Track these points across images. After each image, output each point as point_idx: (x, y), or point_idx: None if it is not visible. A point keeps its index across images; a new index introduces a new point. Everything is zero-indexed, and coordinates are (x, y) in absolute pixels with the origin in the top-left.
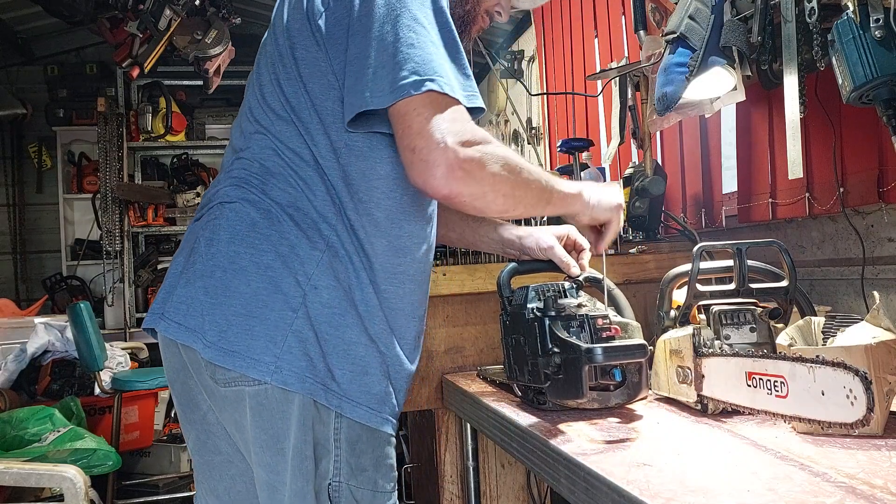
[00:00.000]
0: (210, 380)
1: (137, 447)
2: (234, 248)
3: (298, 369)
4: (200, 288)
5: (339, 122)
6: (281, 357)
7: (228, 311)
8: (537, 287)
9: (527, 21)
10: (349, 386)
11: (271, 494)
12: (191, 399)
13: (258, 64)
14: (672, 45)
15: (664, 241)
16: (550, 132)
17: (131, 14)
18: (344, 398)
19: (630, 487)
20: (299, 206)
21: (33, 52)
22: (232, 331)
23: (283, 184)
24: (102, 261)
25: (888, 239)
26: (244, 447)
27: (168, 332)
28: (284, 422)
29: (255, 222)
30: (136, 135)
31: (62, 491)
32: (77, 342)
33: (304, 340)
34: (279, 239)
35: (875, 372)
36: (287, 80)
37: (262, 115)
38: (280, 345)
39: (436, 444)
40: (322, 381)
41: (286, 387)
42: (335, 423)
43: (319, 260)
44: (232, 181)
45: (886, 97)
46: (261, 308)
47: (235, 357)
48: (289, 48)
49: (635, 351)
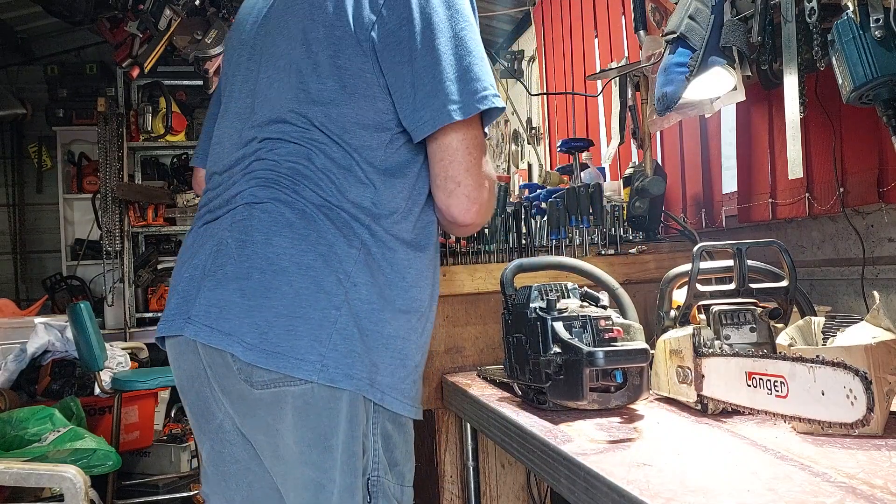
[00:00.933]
0: (244, 384)
1: (137, 447)
2: (271, 249)
3: (345, 366)
4: (236, 290)
5: (380, 131)
6: (326, 355)
7: (269, 312)
8: (540, 286)
9: (527, 21)
10: (391, 379)
11: (317, 492)
12: (206, 408)
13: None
14: (672, 45)
15: (664, 241)
16: (550, 132)
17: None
18: (385, 391)
19: (630, 487)
20: (332, 206)
21: (33, 52)
22: (273, 332)
23: (314, 186)
24: (102, 261)
25: (888, 239)
26: (271, 451)
27: (199, 336)
28: (332, 419)
29: (291, 222)
30: (136, 135)
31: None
32: (77, 342)
33: (348, 337)
34: (317, 238)
35: (875, 372)
36: (322, 90)
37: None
38: (325, 343)
39: (436, 444)
40: (368, 376)
41: (333, 384)
42: (374, 417)
43: (356, 258)
44: (258, 182)
45: (886, 97)
46: (304, 308)
47: (279, 358)
48: (329, 57)
49: (637, 355)
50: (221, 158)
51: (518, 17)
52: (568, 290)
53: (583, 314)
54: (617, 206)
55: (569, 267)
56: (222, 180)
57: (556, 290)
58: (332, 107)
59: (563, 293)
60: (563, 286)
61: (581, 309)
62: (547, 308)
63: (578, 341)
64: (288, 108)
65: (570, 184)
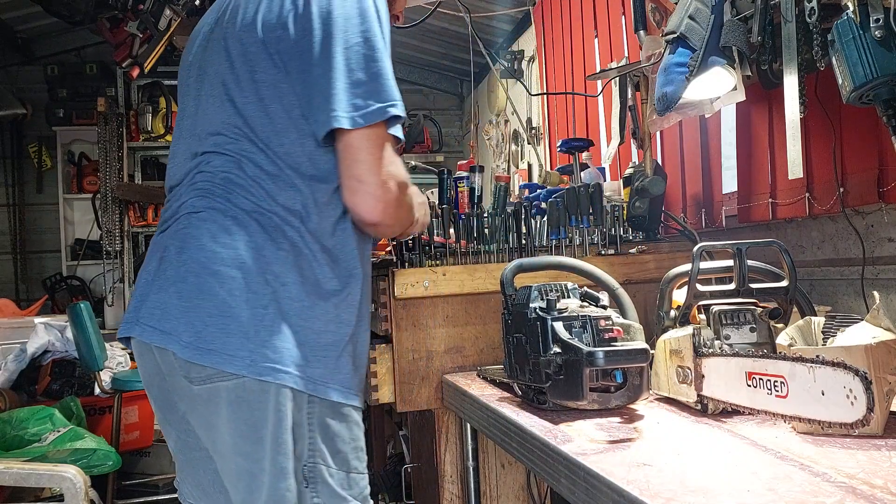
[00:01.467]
0: (184, 380)
1: (137, 447)
2: (204, 254)
3: (272, 361)
4: (174, 293)
5: (302, 138)
6: (255, 351)
7: (204, 312)
8: (540, 286)
9: (527, 21)
10: (322, 370)
11: (251, 481)
12: (168, 401)
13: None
14: (672, 45)
15: (664, 241)
16: (550, 132)
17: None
18: (318, 382)
19: (630, 487)
20: (264, 210)
21: (33, 52)
22: (208, 330)
23: (245, 193)
24: (102, 261)
25: (888, 239)
26: (211, 444)
27: (144, 336)
28: (262, 411)
29: (224, 228)
30: (136, 135)
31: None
32: (77, 342)
33: (275, 333)
34: (247, 242)
35: (875, 372)
36: (246, 103)
37: (218, 134)
38: (254, 339)
39: (436, 444)
40: (295, 369)
41: (261, 377)
42: (308, 408)
43: (285, 259)
44: (197, 193)
45: (886, 97)
46: (234, 307)
47: (212, 354)
48: (248, 72)
49: (637, 355)
50: (174, 173)
51: (518, 17)
52: (568, 290)
53: (583, 314)
54: (617, 206)
55: (569, 267)
56: (174, 194)
57: (556, 290)
58: (255, 118)
59: (563, 293)
60: (563, 286)
61: (581, 309)
62: (547, 308)
63: (578, 341)
64: (221, 120)
65: (570, 184)
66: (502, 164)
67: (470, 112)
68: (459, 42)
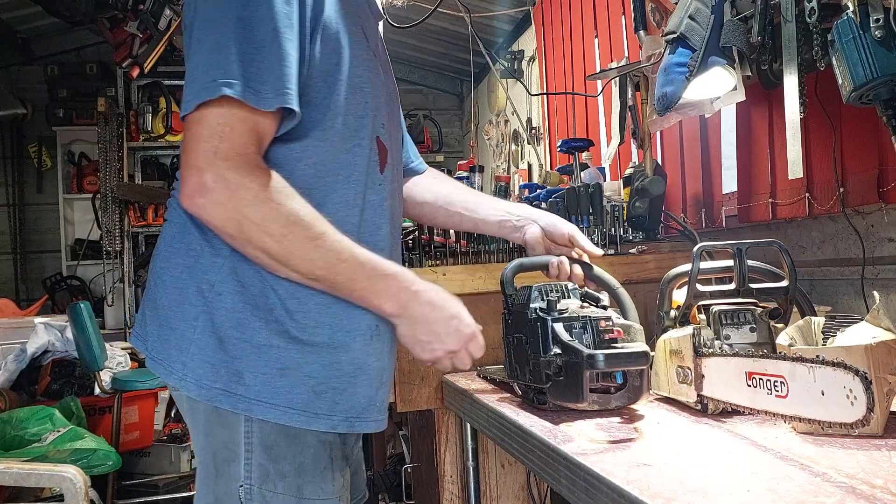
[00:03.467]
0: None
1: (137, 447)
2: (159, 263)
3: (197, 377)
4: (145, 300)
5: None
6: (186, 364)
7: (154, 322)
8: (540, 287)
9: (527, 21)
10: (262, 388)
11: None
12: None
13: None
14: (672, 45)
15: (664, 241)
16: (550, 132)
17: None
18: (253, 401)
19: (630, 487)
20: None
21: (33, 52)
22: (157, 340)
23: None
24: (102, 261)
25: (888, 239)
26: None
27: (131, 340)
28: (195, 426)
29: (172, 236)
30: (136, 135)
31: (62, 491)
32: (77, 342)
33: (204, 348)
34: (186, 250)
35: (875, 372)
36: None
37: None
38: (186, 352)
39: (436, 444)
40: (225, 386)
41: (189, 393)
42: (245, 427)
43: (221, 267)
44: (170, 200)
45: (886, 97)
46: (171, 318)
47: (159, 365)
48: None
49: (637, 358)
50: None
51: (518, 17)
52: (568, 290)
53: (583, 315)
54: (617, 206)
55: None
56: None
57: (556, 290)
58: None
59: (564, 293)
60: (563, 286)
61: (581, 309)
62: (547, 309)
63: (579, 343)
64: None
65: (570, 184)
66: (502, 164)
67: (470, 112)
68: (459, 42)
